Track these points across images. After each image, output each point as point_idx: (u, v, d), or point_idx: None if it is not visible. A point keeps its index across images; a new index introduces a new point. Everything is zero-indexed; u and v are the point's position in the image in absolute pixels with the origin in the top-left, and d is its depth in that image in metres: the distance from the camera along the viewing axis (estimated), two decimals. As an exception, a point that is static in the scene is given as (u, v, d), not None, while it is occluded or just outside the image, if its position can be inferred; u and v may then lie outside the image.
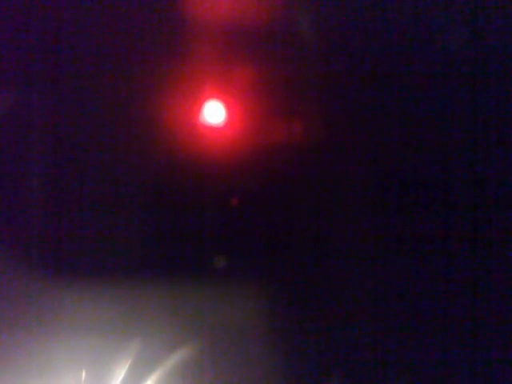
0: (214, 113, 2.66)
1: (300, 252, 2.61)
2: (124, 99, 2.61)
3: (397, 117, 2.61)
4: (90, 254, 2.57)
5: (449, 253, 2.60)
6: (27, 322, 2.49)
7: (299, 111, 2.64)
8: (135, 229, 2.59)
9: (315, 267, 2.60)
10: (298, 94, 2.63)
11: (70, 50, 2.63)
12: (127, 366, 2.46)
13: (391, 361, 2.56)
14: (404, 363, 2.55)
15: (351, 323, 2.57)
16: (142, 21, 2.61)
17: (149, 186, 2.63)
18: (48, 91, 2.62)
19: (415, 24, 2.61)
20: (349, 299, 2.58)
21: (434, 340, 2.57)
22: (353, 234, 2.59)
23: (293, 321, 2.58)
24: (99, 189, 2.61)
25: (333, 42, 2.62)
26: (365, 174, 2.61)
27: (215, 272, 2.59)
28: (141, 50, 2.61)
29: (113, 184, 2.61)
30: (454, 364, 2.57)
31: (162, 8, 2.60)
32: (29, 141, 2.61)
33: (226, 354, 2.51)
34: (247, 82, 2.63)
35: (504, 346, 2.57)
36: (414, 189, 2.60)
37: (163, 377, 2.48)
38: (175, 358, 2.48)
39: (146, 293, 2.52)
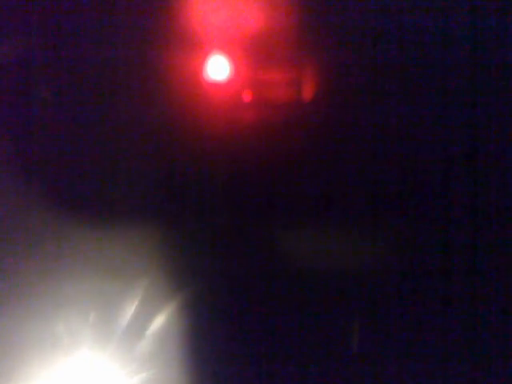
0: (218, 69, 2.55)
1: (306, 217, 2.50)
2: (122, 56, 2.50)
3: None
4: (96, 194, 2.51)
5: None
6: (31, 262, 2.42)
7: (311, 65, 2.52)
8: (138, 177, 2.51)
9: (318, 236, 2.49)
10: (310, 46, 2.51)
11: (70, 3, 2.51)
12: (135, 305, 2.42)
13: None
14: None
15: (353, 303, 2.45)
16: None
17: (149, 147, 2.53)
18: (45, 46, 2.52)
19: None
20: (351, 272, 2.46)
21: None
22: (356, 197, 2.48)
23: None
24: (100, 140, 2.51)
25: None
26: (374, 133, 2.48)
27: (220, 223, 2.51)
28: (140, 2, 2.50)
29: (113, 139, 2.50)
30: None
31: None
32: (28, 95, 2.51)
33: (228, 296, 2.44)
34: (253, 35, 2.51)
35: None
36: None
37: (171, 316, 2.43)
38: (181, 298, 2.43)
39: (152, 234, 2.47)
